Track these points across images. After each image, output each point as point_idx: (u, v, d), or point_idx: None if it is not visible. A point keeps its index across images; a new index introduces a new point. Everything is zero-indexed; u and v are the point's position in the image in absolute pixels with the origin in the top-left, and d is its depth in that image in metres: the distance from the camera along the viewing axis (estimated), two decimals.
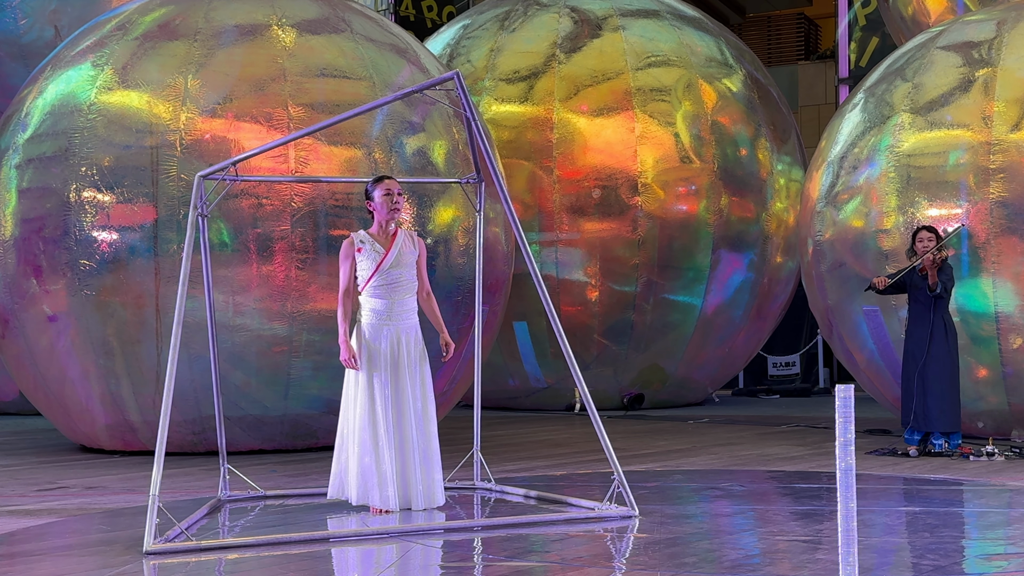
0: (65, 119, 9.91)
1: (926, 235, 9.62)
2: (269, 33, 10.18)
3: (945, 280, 9.54)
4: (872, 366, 11.11)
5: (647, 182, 13.92)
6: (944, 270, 9.57)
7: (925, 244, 9.56)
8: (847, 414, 4.00)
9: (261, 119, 9.73)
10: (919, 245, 9.60)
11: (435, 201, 10.25)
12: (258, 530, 6.55)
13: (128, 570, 5.40)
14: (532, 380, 14.51)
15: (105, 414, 9.90)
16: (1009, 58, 10.61)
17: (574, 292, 14.00)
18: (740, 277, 14.40)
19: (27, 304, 9.90)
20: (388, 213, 6.93)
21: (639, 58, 14.39)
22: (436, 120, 10.43)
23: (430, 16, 20.97)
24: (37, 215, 9.83)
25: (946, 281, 9.55)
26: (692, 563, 5.38)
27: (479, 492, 7.68)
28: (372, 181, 7.05)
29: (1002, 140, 10.31)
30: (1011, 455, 9.33)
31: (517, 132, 14.14)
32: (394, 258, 6.88)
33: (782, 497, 7.79)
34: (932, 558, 5.40)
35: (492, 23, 15.19)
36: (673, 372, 14.56)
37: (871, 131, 11.15)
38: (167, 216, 9.50)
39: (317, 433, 9.90)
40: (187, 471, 8.90)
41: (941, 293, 9.51)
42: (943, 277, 9.53)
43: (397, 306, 6.89)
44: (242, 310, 9.50)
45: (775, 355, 18.01)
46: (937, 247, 9.50)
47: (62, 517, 7.00)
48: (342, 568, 5.69)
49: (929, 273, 9.48)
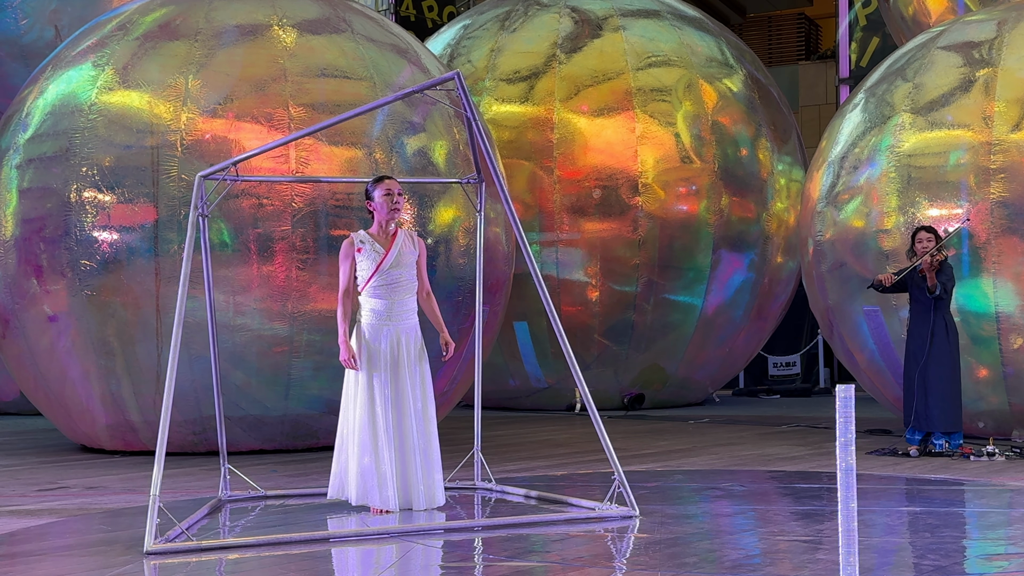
0: (66, 119, 9.91)
1: (925, 236, 9.61)
2: (270, 33, 10.18)
3: (945, 281, 9.54)
4: (873, 366, 11.11)
5: (647, 182, 13.92)
6: (944, 271, 9.56)
7: (924, 245, 9.56)
8: (847, 414, 4.00)
9: (262, 119, 9.73)
10: (918, 246, 9.60)
11: (436, 201, 10.25)
12: (258, 530, 6.55)
13: (128, 570, 5.40)
14: (532, 380, 14.51)
15: (105, 414, 9.90)
16: (1010, 58, 10.61)
17: (574, 292, 14.00)
18: (740, 277, 14.40)
19: (28, 304, 9.91)
20: (388, 213, 6.92)
21: (640, 58, 14.39)
22: (437, 120, 10.43)
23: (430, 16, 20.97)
24: (38, 215, 9.83)
25: (946, 282, 9.55)
26: (693, 563, 5.38)
27: (480, 492, 7.68)
28: (372, 181, 7.04)
29: (1003, 140, 10.31)
30: (1012, 455, 9.33)
31: (517, 132, 14.14)
32: (394, 258, 6.87)
33: (783, 497, 7.79)
34: (933, 558, 5.40)
35: (492, 23, 15.19)
36: (673, 372, 14.56)
37: (872, 131, 11.15)
38: (168, 216, 9.50)
39: (317, 433, 9.90)
40: (187, 471, 8.90)
41: (940, 295, 9.51)
42: (943, 278, 9.53)
43: (397, 306, 6.89)
44: (243, 310, 9.51)
45: (775, 355, 18.01)
46: (935, 248, 9.50)
47: (62, 517, 7.00)
48: (342, 568, 5.69)
49: (928, 276, 9.47)
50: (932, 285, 9.46)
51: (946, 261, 9.65)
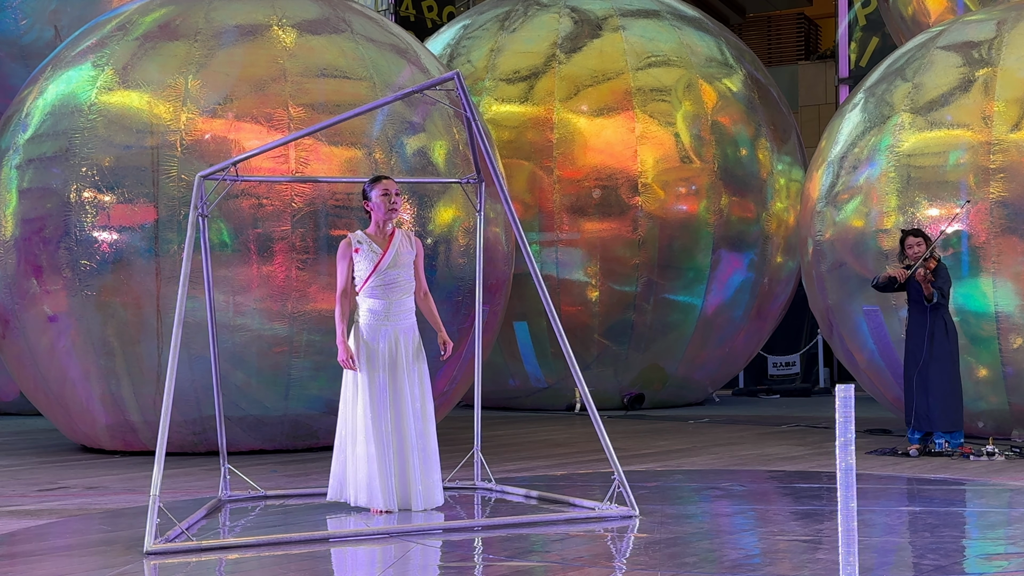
0: (65, 119, 9.91)
1: (914, 240, 9.61)
2: (269, 33, 10.19)
3: (941, 284, 9.54)
4: (872, 366, 11.11)
5: (647, 182, 13.92)
6: (939, 273, 9.57)
7: (915, 251, 9.57)
8: (847, 414, 4.00)
9: (261, 119, 9.73)
10: (908, 251, 9.61)
11: (435, 201, 10.25)
12: (258, 530, 6.55)
13: (128, 570, 5.40)
14: (532, 380, 14.51)
15: (105, 414, 9.90)
16: (1009, 58, 10.61)
17: (574, 292, 14.00)
18: (740, 277, 14.40)
19: (28, 304, 9.91)
20: (386, 213, 6.92)
21: (639, 58, 14.39)
22: (436, 120, 10.43)
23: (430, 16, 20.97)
24: (38, 215, 9.83)
25: (942, 285, 9.55)
26: (692, 563, 5.38)
27: (479, 492, 7.69)
28: (369, 181, 7.04)
29: (1002, 140, 10.31)
30: (1011, 455, 9.33)
31: (517, 132, 14.14)
32: (391, 259, 6.87)
33: (782, 497, 7.79)
34: (933, 558, 5.40)
35: (492, 23, 15.19)
36: (673, 372, 14.56)
37: (871, 131, 11.15)
38: (167, 216, 9.50)
39: (317, 433, 9.90)
40: (187, 471, 8.90)
41: (938, 302, 9.51)
42: (939, 282, 9.53)
43: (395, 306, 6.89)
44: (242, 310, 9.51)
45: (775, 355, 18.01)
46: (928, 253, 9.49)
47: (62, 517, 7.00)
48: (342, 568, 5.69)
49: (923, 287, 9.48)
50: (928, 294, 9.47)
51: (940, 263, 9.65)
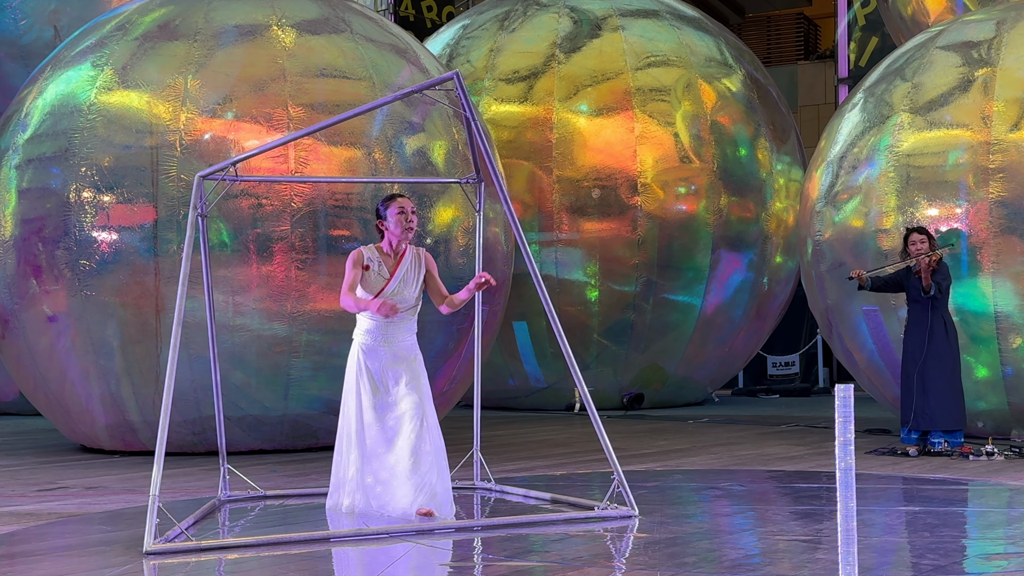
0: (65, 119, 9.91)
1: (919, 237, 9.63)
2: (269, 33, 10.19)
3: (940, 280, 9.55)
4: (872, 366, 11.11)
5: (647, 182, 13.92)
6: (940, 270, 9.58)
7: (919, 247, 9.58)
8: (847, 414, 4.00)
9: (261, 119, 9.73)
10: (912, 248, 9.62)
11: (435, 201, 10.25)
12: (258, 530, 6.56)
13: (128, 570, 5.40)
14: (532, 380, 14.51)
15: (105, 414, 9.90)
16: (1009, 58, 10.62)
17: (574, 292, 14.00)
18: (740, 277, 14.40)
19: (27, 304, 9.91)
20: (402, 232, 6.77)
21: (639, 58, 14.39)
22: (436, 120, 10.43)
23: (430, 16, 20.98)
24: (37, 215, 9.83)
25: (941, 281, 9.56)
26: (692, 563, 5.38)
27: (479, 492, 7.69)
28: (383, 200, 6.86)
29: (1001, 140, 10.32)
30: (1011, 455, 9.33)
31: (517, 132, 14.14)
32: (395, 287, 6.75)
33: (782, 497, 7.79)
34: (932, 558, 5.40)
35: (492, 23, 15.19)
36: (673, 372, 14.56)
37: (871, 131, 11.15)
38: (167, 216, 9.50)
39: (317, 433, 9.90)
40: (187, 471, 8.90)
41: (935, 295, 9.52)
42: (938, 278, 9.54)
43: (392, 327, 6.77)
44: (242, 310, 9.51)
45: (775, 355, 18.02)
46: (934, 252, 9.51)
47: (62, 517, 7.00)
48: (342, 568, 5.70)
49: (924, 275, 9.48)
50: (927, 285, 9.47)
51: (942, 261, 9.66)
